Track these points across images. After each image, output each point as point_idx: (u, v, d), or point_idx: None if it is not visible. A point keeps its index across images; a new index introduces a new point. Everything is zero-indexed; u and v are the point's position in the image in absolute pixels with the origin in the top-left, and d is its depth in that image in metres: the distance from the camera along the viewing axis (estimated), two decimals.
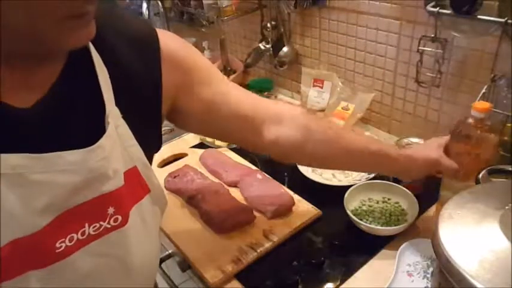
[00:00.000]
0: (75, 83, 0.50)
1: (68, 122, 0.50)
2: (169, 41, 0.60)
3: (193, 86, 0.64)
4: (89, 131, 0.50)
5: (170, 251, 0.97)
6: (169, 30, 1.78)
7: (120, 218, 0.52)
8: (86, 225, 0.50)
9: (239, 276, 0.81)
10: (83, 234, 0.50)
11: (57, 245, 0.48)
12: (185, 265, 0.88)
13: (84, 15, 0.44)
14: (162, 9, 1.69)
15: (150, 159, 0.60)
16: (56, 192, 0.47)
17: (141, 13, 1.70)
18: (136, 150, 0.55)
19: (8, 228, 0.45)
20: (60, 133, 0.49)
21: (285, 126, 0.72)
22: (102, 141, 0.49)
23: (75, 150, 0.47)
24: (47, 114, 0.48)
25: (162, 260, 0.97)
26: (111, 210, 0.51)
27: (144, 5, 1.64)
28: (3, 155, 0.43)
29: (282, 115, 0.73)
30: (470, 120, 0.75)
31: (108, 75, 0.52)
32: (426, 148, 0.81)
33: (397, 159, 0.78)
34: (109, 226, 0.52)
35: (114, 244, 0.53)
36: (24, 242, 0.46)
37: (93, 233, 0.51)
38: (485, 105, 0.74)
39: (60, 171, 0.46)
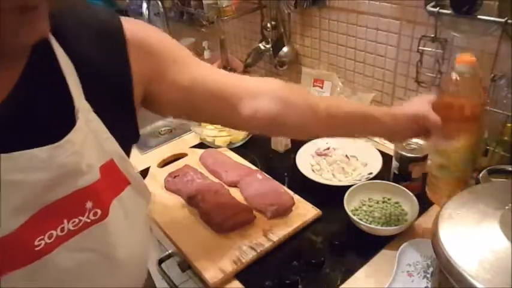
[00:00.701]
0: (39, 80, 0.50)
1: (35, 121, 0.49)
2: (135, 29, 0.59)
3: (166, 72, 0.63)
4: (58, 128, 0.49)
5: (170, 251, 0.97)
6: (169, 30, 1.78)
7: (99, 211, 0.52)
8: (65, 221, 0.50)
9: (239, 276, 0.81)
10: (62, 230, 0.50)
11: (36, 242, 0.48)
12: (185, 265, 0.88)
13: (30, 10, 0.42)
14: (162, 9, 1.69)
15: (127, 150, 0.60)
16: (28, 190, 0.46)
17: (141, 13, 1.71)
18: (112, 143, 0.54)
19: None
20: (28, 132, 0.48)
21: (263, 100, 0.71)
22: (71, 136, 0.49)
23: (43, 147, 0.47)
24: (12, 114, 0.47)
25: (162, 260, 0.97)
26: (89, 204, 0.51)
27: (144, 5, 1.64)
28: None
29: (259, 89, 0.72)
30: (455, 75, 0.71)
31: (74, 70, 0.51)
32: (413, 104, 0.77)
33: (383, 120, 0.74)
34: (89, 220, 0.51)
35: (95, 238, 0.53)
36: (1, 243, 0.45)
37: (73, 229, 0.50)
38: (469, 57, 0.70)
39: (30, 169, 0.46)
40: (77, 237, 0.51)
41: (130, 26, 0.58)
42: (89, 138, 0.51)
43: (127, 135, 0.59)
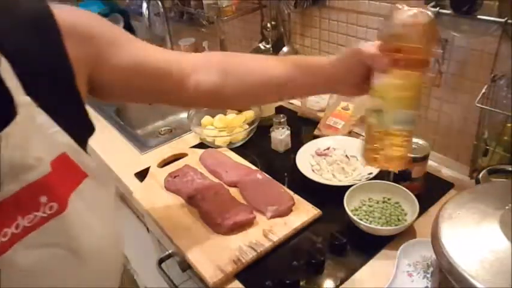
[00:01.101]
0: None
1: None
2: (67, 15, 0.56)
3: (105, 55, 0.61)
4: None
5: (170, 251, 0.97)
6: (170, 30, 1.79)
7: (55, 205, 0.51)
8: (19, 217, 0.49)
9: (239, 276, 0.81)
10: (17, 227, 0.48)
11: None
12: (185, 265, 0.88)
13: None
14: (162, 9, 1.69)
15: (83, 143, 0.58)
16: None
17: (141, 13, 1.71)
18: (62, 136, 0.53)
19: None
20: None
21: (203, 73, 0.71)
22: (10, 129, 0.47)
23: None
24: None
25: (162, 260, 0.97)
26: (43, 199, 0.50)
27: (144, 5, 1.65)
28: None
29: (199, 62, 0.71)
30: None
31: (9, 66, 0.48)
32: (349, 48, 0.71)
33: (322, 66, 0.71)
34: (45, 215, 0.50)
35: (55, 232, 0.52)
36: None
37: (29, 225, 0.49)
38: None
39: None
40: (33, 233, 0.50)
41: (63, 12, 0.56)
42: (33, 133, 0.50)
43: (79, 127, 0.57)
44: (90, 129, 0.61)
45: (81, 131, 0.59)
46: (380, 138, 0.68)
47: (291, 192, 0.98)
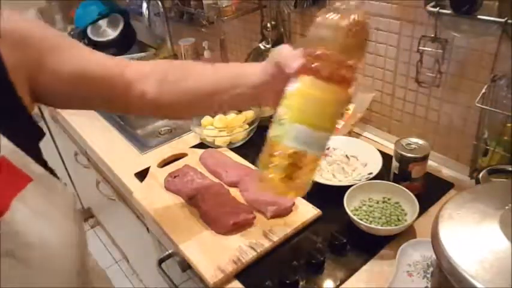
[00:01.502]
0: None
1: None
2: (7, 20, 0.55)
3: (44, 61, 0.60)
4: None
5: (170, 251, 0.97)
6: (170, 30, 1.79)
7: None
8: None
9: (239, 276, 0.81)
10: None
11: None
12: (185, 265, 0.88)
13: None
14: (162, 9, 1.69)
15: (33, 148, 0.57)
16: None
17: (141, 13, 1.71)
18: (1, 142, 0.51)
19: None
20: None
21: (146, 82, 0.70)
22: None
23: None
24: None
25: (162, 260, 0.97)
26: None
27: (144, 5, 1.65)
28: None
29: (144, 72, 0.71)
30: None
31: None
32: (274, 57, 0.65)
33: (248, 76, 0.67)
34: None
35: (3, 234, 0.49)
36: None
37: None
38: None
39: None
40: None
41: (2, 16, 0.54)
42: None
43: (24, 133, 0.56)
44: (38, 134, 0.60)
45: (27, 137, 0.57)
46: (272, 155, 0.58)
47: None
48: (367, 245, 0.85)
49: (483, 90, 0.87)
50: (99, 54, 0.69)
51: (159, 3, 1.66)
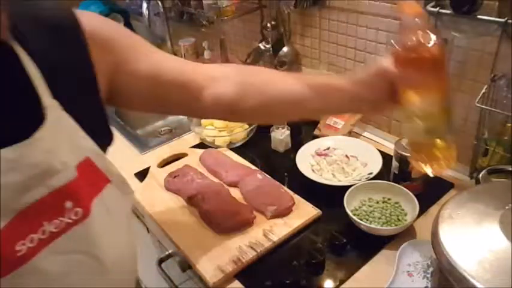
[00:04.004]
0: (2, 83, 0.47)
1: (1, 123, 0.47)
2: (91, 21, 0.57)
3: (127, 64, 0.61)
4: (27, 130, 0.46)
5: (170, 251, 0.97)
6: (169, 30, 1.78)
7: (80, 211, 0.50)
8: (45, 223, 0.48)
9: (239, 276, 0.81)
10: (43, 233, 0.48)
11: (17, 248, 0.46)
12: (185, 265, 0.88)
13: None
14: (162, 9, 1.69)
15: (104, 149, 0.58)
16: (1, 195, 0.44)
17: (141, 13, 1.71)
18: (86, 141, 0.53)
19: None
20: None
21: (221, 85, 0.69)
22: (40, 133, 0.47)
23: (10, 147, 0.44)
24: None
25: (162, 260, 0.97)
26: (68, 204, 0.49)
27: (144, 5, 1.65)
28: None
29: (217, 74, 0.70)
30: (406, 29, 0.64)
31: (36, 69, 0.48)
32: (372, 66, 0.70)
33: (344, 88, 0.68)
34: (70, 221, 0.50)
35: (79, 239, 0.51)
36: None
37: (55, 230, 0.49)
38: (415, 7, 0.64)
39: None
40: (59, 239, 0.49)
41: (86, 18, 0.55)
42: (61, 136, 0.49)
43: (100, 133, 0.57)
44: (110, 137, 0.61)
45: (102, 138, 0.58)
46: (444, 151, 0.66)
47: (291, 192, 0.98)
48: (367, 245, 0.85)
49: (483, 90, 0.88)
50: (174, 57, 0.69)
51: (159, 3, 1.66)
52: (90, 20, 0.57)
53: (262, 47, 1.47)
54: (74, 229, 0.50)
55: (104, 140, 0.60)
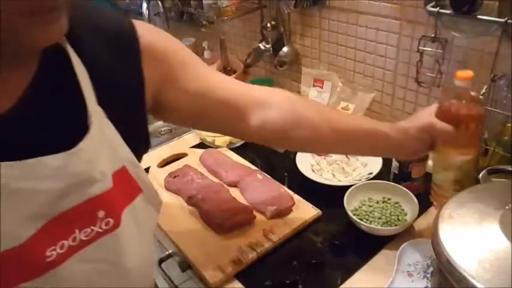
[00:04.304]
0: (51, 85, 0.48)
1: (47, 126, 0.48)
2: (147, 33, 0.57)
3: (176, 78, 0.62)
4: (72, 133, 0.47)
5: (170, 251, 0.97)
6: (169, 30, 1.78)
7: (111, 221, 0.51)
8: (76, 231, 0.48)
9: (239, 276, 0.81)
10: (74, 240, 0.48)
11: (48, 253, 0.46)
12: (185, 265, 0.88)
13: (50, 11, 0.41)
14: (162, 9, 1.69)
15: (138, 159, 0.58)
16: (39, 200, 0.45)
17: (141, 13, 1.70)
18: (124, 150, 0.53)
19: None
20: (40, 138, 0.47)
21: (271, 111, 0.70)
22: (85, 143, 0.47)
23: (56, 155, 0.45)
24: (23, 119, 0.46)
25: (162, 260, 0.97)
26: (101, 213, 0.50)
27: (144, 5, 1.64)
28: None
29: (268, 100, 0.71)
30: (455, 91, 0.73)
31: (87, 75, 0.49)
32: (417, 117, 0.75)
33: (391, 135, 0.73)
34: (100, 230, 0.50)
35: (107, 248, 0.51)
36: (12, 254, 0.44)
37: (85, 239, 0.49)
38: (468, 73, 0.71)
39: (42, 178, 0.44)
40: (88, 248, 0.50)
41: (142, 30, 0.57)
42: (102, 145, 0.50)
43: (138, 142, 0.58)
44: (147, 145, 0.62)
45: (139, 147, 0.59)
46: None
47: (291, 192, 0.98)
48: (367, 245, 0.85)
49: (483, 90, 0.87)
50: (221, 75, 0.70)
51: (159, 3, 1.66)
52: (147, 31, 0.58)
53: (262, 47, 1.47)
54: (103, 238, 0.51)
55: (141, 148, 0.60)
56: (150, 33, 0.58)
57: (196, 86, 0.64)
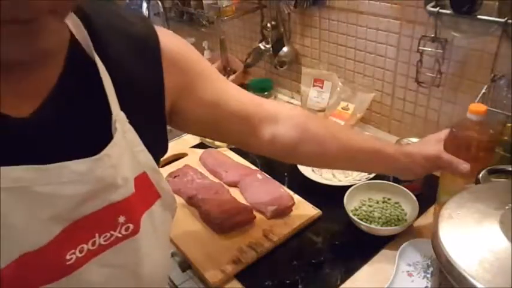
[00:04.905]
0: (75, 89, 0.48)
1: (71, 130, 0.48)
2: (169, 40, 0.58)
3: (194, 87, 0.63)
4: (95, 138, 0.47)
5: (170, 251, 0.97)
6: (169, 30, 1.78)
7: (131, 226, 0.51)
8: (96, 235, 0.48)
9: (239, 276, 0.81)
10: (93, 244, 0.48)
11: (67, 257, 0.46)
12: (185, 265, 0.88)
13: (25, 22, 0.37)
14: (162, 9, 1.69)
15: (157, 163, 0.58)
16: (62, 203, 0.45)
17: (141, 13, 1.70)
18: (145, 155, 0.53)
19: (15, 244, 0.43)
20: (63, 142, 0.47)
21: (282, 126, 0.72)
22: (109, 148, 0.47)
23: (80, 160, 0.45)
24: (47, 123, 0.46)
25: None
26: (121, 219, 0.50)
27: (144, 5, 1.64)
28: (4, 168, 0.41)
29: (279, 114, 0.72)
30: (467, 122, 0.75)
31: (110, 79, 0.49)
32: (425, 144, 0.79)
33: (397, 158, 0.76)
34: (120, 235, 0.50)
35: (126, 253, 0.51)
36: (32, 256, 0.44)
37: (104, 243, 0.49)
38: (481, 107, 0.73)
39: (66, 183, 0.44)
40: (107, 252, 0.50)
41: (164, 36, 0.57)
42: (124, 151, 0.50)
43: (158, 147, 0.58)
44: (165, 150, 0.62)
45: (158, 152, 0.59)
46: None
47: (291, 192, 0.98)
48: (367, 245, 0.85)
49: (483, 90, 0.88)
50: (235, 87, 0.70)
51: (159, 3, 1.66)
52: (170, 39, 0.59)
53: (262, 47, 1.47)
54: (122, 243, 0.51)
55: (159, 152, 0.60)
56: (172, 41, 0.59)
57: (212, 98, 0.65)
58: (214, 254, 0.84)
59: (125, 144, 0.50)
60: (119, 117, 0.49)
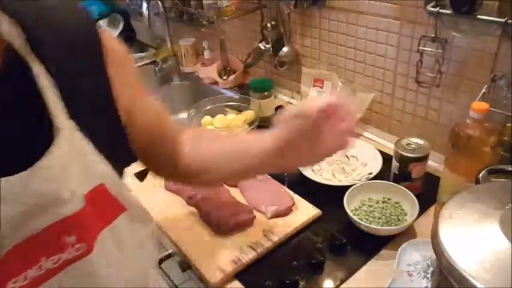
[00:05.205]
0: (8, 98, 0.42)
1: (6, 144, 0.41)
2: (110, 40, 0.53)
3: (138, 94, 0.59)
4: (35, 151, 0.42)
5: (170, 251, 0.97)
6: (169, 30, 1.78)
7: (84, 246, 0.45)
8: (42, 259, 0.43)
9: (239, 276, 0.81)
10: (39, 269, 0.43)
11: (10, 285, 0.41)
12: (185, 265, 0.88)
13: None
14: (162, 9, 1.69)
15: (120, 173, 0.54)
16: None
17: (141, 13, 1.71)
18: (102, 166, 0.48)
19: None
20: None
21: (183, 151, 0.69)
22: (47, 160, 0.42)
23: (10, 177, 0.39)
24: None
25: (162, 260, 0.97)
26: (71, 239, 0.44)
27: (144, 5, 1.64)
28: None
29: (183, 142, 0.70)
30: (469, 121, 0.76)
31: (53, 86, 0.43)
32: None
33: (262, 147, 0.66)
34: (70, 257, 0.45)
35: (79, 275, 0.46)
36: None
37: (53, 267, 0.44)
38: (483, 105, 0.74)
39: None
40: (57, 277, 0.44)
41: (105, 35, 0.52)
42: (72, 162, 0.44)
43: (120, 157, 0.53)
44: (131, 159, 0.58)
45: (122, 162, 0.55)
46: None
47: (291, 192, 0.98)
48: (367, 245, 0.85)
49: (483, 90, 0.87)
50: (157, 105, 0.65)
51: (159, 3, 1.66)
52: (111, 39, 0.54)
53: (262, 47, 1.47)
54: (73, 266, 0.46)
55: (124, 162, 0.56)
56: (112, 40, 0.54)
57: (133, 104, 0.57)
58: (214, 254, 0.84)
59: (74, 154, 0.45)
60: (64, 126, 0.44)
